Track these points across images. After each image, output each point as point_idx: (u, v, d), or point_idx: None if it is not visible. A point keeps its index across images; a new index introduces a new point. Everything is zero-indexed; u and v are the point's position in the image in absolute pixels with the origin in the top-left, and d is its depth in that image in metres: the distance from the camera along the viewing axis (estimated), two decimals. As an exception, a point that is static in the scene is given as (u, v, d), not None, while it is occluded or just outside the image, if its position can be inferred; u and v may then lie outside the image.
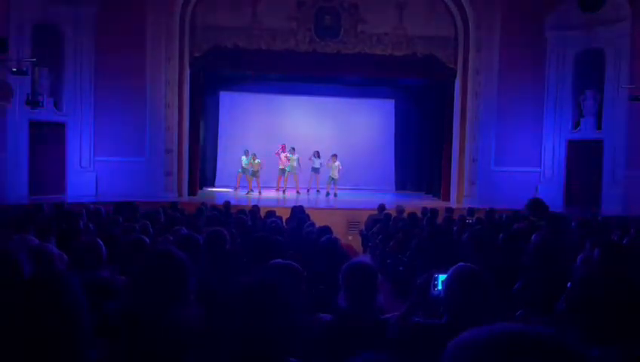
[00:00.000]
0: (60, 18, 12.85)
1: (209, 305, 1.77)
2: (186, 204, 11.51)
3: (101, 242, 3.46)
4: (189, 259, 2.11)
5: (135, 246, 3.42)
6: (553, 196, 13.76)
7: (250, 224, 7.05)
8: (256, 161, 15.41)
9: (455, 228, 7.54)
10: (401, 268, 7.36)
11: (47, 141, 13.13)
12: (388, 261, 8.45)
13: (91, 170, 13.48)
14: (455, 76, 14.32)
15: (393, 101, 18.21)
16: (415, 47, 14.04)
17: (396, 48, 14.00)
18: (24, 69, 10.23)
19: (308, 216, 8.64)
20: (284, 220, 8.59)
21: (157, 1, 13.41)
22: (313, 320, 2.28)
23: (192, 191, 14.36)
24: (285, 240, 4.64)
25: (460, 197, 14.31)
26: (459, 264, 2.10)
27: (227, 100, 17.75)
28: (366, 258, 2.71)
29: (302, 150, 15.70)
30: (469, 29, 13.97)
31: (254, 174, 15.47)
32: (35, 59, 11.25)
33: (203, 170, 16.69)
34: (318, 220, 10.43)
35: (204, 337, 1.83)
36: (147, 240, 3.69)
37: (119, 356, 1.88)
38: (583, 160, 14.01)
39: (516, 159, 14.16)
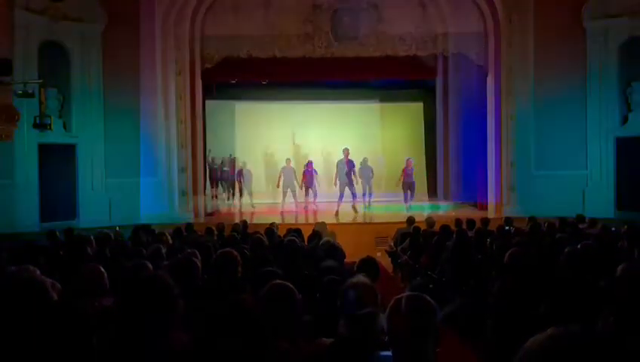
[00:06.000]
0: (66, 35, 13.30)
1: (197, 329, 1.87)
2: (202, 225, 11.68)
3: (103, 269, 3.62)
4: (185, 283, 2.21)
5: (135, 273, 3.55)
6: (603, 200, 13.50)
7: (267, 243, 7.15)
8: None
9: (488, 240, 7.50)
10: (430, 286, 7.35)
11: (58, 164, 13.52)
12: (418, 278, 8.44)
13: (104, 193, 13.81)
14: (486, 74, 14.25)
15: (421, 104, 18.21)
16: (441, 45, 14.05)
17: (420, 48, 14.03)
18: (30, 90, 10.57)
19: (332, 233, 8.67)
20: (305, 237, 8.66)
21: (165, 13, 13.74)
22: (313, 344, 2.35)
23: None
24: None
25: (498, 205, 14.14)
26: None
27: (243, 112, 18.03)
28: (363, 276, 2.74)
29: (327, 160, 15.90)
30: (498, 23, 13.90)
31: None
32: (41, 80, 11.63)
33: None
34: (346, 237, 10.54)
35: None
36: (150, 265, 3.82)
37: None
38: (635, 159, 13.67)
39: (559, 161, 13.89)
